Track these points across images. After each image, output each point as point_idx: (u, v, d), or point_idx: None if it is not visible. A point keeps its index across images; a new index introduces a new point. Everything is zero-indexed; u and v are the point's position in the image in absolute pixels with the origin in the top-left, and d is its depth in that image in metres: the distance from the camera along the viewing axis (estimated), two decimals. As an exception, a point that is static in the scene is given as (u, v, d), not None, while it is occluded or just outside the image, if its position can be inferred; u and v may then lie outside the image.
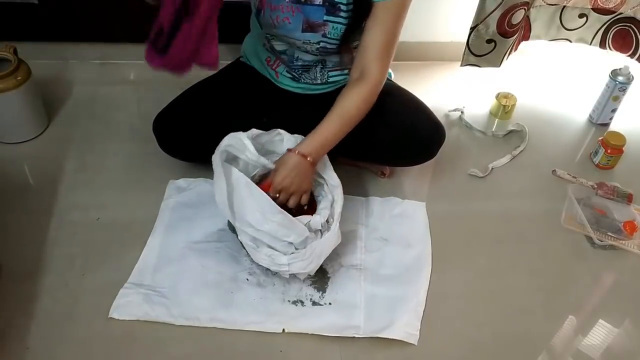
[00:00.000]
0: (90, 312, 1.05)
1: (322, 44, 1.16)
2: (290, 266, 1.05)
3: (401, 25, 1.12)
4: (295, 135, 1.14)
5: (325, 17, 1.12)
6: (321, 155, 1.12)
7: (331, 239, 1.08)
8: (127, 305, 1.06)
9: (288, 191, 1.09)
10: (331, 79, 1.28)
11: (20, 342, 1.00)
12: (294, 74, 1.28)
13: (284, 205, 1.07)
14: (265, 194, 1.03)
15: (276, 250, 1.05)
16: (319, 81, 1.28)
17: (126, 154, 1.41)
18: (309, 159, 1.07)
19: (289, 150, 1.10)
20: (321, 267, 1.14)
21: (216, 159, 1.08)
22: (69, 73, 1.67)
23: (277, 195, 1.08)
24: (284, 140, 1.13)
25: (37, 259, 1.14)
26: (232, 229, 1.13)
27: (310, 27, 1.14)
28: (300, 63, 1.25)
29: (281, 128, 1.14)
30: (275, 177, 1.08)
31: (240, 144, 1.08)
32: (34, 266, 1.12)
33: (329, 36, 1.15)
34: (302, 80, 1.28)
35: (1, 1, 1.57)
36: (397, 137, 1.23)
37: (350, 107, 1.11)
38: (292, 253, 1.05)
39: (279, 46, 1.23)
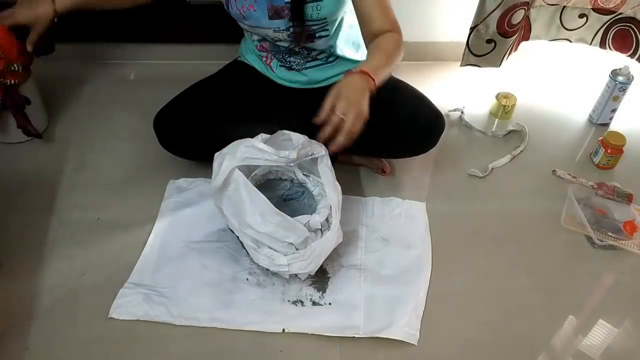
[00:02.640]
0: (90, 312, 1.05)
1: (291, 29, 1.17)
2: (290, 266, 1.04)
3: None
4: (302, 135, 1.12)
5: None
6: (379, 80, 1.02)
7: (332, 237, 1.08)
8: (127, 305, 1.06)
9: (361, 111, 0.95)
10: (320, 57, 1.29)
11: (20, 342, 1.00)
12: (285, 64, 1.29)
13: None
14: (263, 195, 1.03)
15: (276, 251, 1.05)
16: (310, 58, 1.28)
17: (126, 154, 1.41)
18: (371, 75, 1.00)
19: (346, 74, 1.01)
20: (321, 267, 1.14)
21: (233, 172, 1.04)
22: (69, 73, 1.67)
23: (343, 116, 0.94)
24: (292, 139, 1.12)
25: (37, 259, 1.14)
26: (232, 228, 1.13)
27: (276, 13, 1.15)
28: (284, 48, 1.26)
29: (284, 128, 1.14)
30: (341, 98, 0.95)
31: (256, 151, 1.04)
32: (34, 266, 1.12)
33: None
34: (294, 66, 1.28)
35: (1, 1, 1.57)
36: (397, 126, 1.23)
37: (388, 44, 1.09)
38: (293, 253, 1.05)
39: (258, 37, 1.25)
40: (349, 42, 1.29)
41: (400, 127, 1.23)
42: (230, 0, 1.16)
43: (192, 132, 1.24)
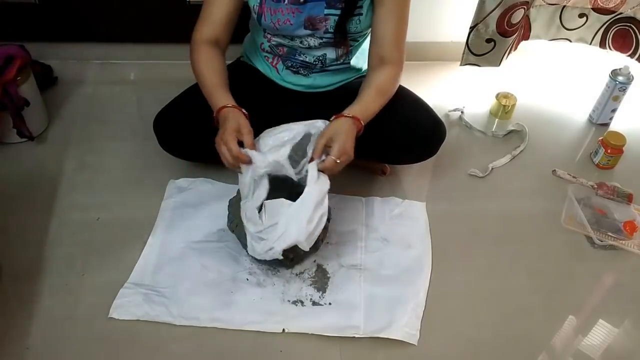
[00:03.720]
0: (90, 312, 1.05)
1: (324, 40, 1.19)
2: (274, 243, 1.02)
3: (409, 8, 1.16)
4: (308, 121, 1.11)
5: (326, 11, 1.14)
6: (367, 119, 1.11)
7: (312, 191, 1.04)
8: (127, 305, 1.06)
9: (350, 155, 1.07)
10: (330, 68, 1.30)
11: (21, 342, 1.00)
12: (292, 68, 1.29)
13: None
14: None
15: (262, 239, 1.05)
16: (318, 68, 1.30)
17: (126, 154, 1.41)
18: (360, 119, 1.09)
19: (337, 115, 1.08)
20: (321, 267, 1.14)
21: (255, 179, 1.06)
22: (69, 73, 1.67)
23: (338, 160, 1.05)
24: (287, 130, 1.11)
25: (37, 259, 1.14)
26: (232, 228, 1.13)
27: (312, 24, 1.16)
28: (301, 58, 1.26)
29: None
30: (336, 142, 1.05)
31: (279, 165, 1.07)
32: (34, 266, 1.12)
33: (330, 31, 1.16)
34: (301, 71, 1.29)
35: (1, 1, 1.57)
36: (398, 134, 1.23)
37: (383, 81, 1.15)
38: (262, 230, 1.03)
39: (280, 40, 1.24)
40: (364, 52, 1.30)
41: (400, 135, 1.23)
42: (264, 13, 1.15)
43: (191, 133, 1.24)
